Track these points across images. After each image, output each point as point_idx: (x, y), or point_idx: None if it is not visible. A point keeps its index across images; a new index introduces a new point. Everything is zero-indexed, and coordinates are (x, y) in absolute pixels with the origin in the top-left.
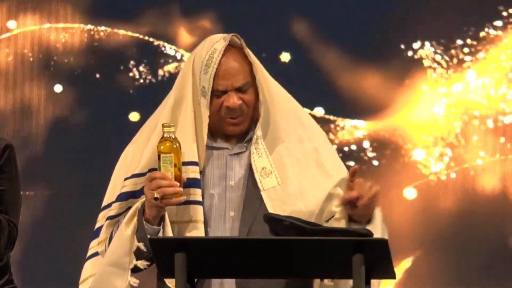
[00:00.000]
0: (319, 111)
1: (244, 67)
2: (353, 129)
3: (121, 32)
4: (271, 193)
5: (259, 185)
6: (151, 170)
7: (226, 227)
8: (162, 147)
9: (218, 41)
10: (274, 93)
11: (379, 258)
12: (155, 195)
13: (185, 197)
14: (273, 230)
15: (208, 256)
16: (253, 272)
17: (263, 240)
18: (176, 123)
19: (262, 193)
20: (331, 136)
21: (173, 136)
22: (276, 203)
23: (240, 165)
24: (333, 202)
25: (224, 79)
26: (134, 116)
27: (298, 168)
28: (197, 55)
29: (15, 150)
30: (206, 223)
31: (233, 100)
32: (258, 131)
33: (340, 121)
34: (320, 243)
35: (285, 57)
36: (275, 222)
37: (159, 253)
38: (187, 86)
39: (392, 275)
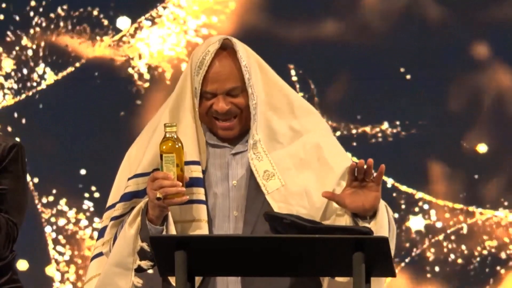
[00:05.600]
0: None
1: (235, 71)
2: None
3: None
4: (275, 195)
5: (263, 189)
6: (154, 170)
7: (230, 227)
8: (164, 147)
9: (213, 43)
10: (272, 94)
11: (379, 256)
12: (158, 195)
13: (188, 197)
14: (274, 228)
15: (209, 254)
16: (254, 270)
17: (263, 238)
18: (177, 122)
19: (267, 196)
20: None
21: (175, 136)
22: (281, 205)
23: (242, 164)
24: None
25: (212, 82)
26: None
27: (300, 167)
28: (194, 54)
29: (23, 150)
30: (210, 222)
31: (222, 104)
32: (256, 135)
33: None
34: (321, 241)
35: None
36: (276, 220)
37: (159, 251)
38: (187, 85)
39: (392, 273)
